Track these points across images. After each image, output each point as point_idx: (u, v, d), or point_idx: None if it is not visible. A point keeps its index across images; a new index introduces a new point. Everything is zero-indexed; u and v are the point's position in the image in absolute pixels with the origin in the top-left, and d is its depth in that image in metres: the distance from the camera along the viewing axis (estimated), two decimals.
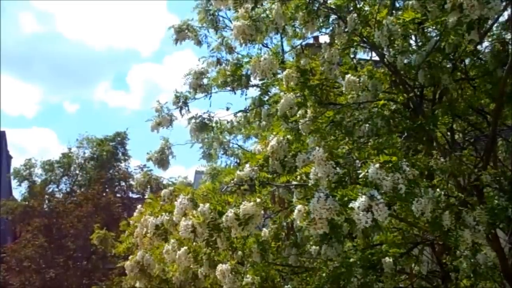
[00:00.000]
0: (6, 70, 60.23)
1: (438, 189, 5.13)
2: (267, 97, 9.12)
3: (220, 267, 6.42)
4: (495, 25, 6.86)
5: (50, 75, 54.77)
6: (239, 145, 12.34)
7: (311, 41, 8.99)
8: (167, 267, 7.48)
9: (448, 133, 7.68)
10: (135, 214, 7.40)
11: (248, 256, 6.75)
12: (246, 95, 9.38)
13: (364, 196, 4.44)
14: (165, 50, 67.79)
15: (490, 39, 7.13)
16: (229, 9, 7.59)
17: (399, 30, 5.90)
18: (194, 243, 6.13)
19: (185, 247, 6.42)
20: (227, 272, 6.38)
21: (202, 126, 9.16)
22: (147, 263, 7.32)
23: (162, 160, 9.04)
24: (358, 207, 4.41)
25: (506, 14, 6.67)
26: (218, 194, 5.67)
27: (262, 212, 5.61)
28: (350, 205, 4.46)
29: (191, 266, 6.83)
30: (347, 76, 6.60)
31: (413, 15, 5.97)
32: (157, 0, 61.74)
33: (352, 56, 7.58)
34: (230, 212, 5.27)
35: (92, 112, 56.66)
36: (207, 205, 5.43)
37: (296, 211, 4.73)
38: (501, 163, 7.73)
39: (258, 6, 6.52)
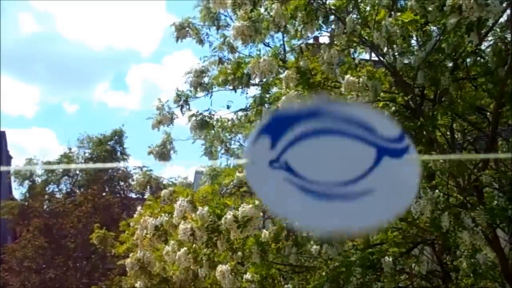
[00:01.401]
0: (5, 71, 60.13)
1: (437, 190, 5.12)
2: (268, 96, 9.11)
3: (220, 267, 6.42)
4: (496, 24, 6.85)
5: (49, 75, 54.68)
6: (240, 143, 12.32)
7: (311, 41, 8.97)
8: (168, 266, 7.49)
9: (448, 133, 7.67)
10: (135, 215, 7.39)
11: (248, 257, 6.75)
12: (247, 93, 9.35)
13: None
14: (165, 50, 67.57)
15: (491, 38, 7.12)
16: (229, 10, 7.56)
17: (397, 31, 5.90)
18: (194, 245, 6.14)
19: (185, 248, 6.42)
20: (227, 273, 6.38)
21: (203, 124, 9.13)
22: (147, 261, 7.33)
23: (164, 154, 9.03)
24: None
25: (505, 15, 6.66)
26: (217, 197, 5.67)
27: (261, 214, 5.61)
28: None
29: (191, 267, 6.84)
30: (347, 76, 6.60)
31: (411, 17, 5.96)
32: (156, 0, 61.60)
33: (352, 57, 7.56)
34: (229, 215, 5.27)
35: (92, 112, 56.57)
36: (206, 208, 5.43)
37: None
38: (501, 163, 7.72)
39: (256, 8, 6.50)
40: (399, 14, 6.16)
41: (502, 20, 6.78)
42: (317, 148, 1.48)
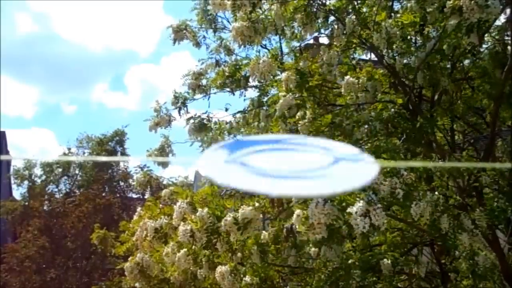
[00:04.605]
0: (4, 71, 60.01)
1: (436, 192, 5.12)
2: (266, 98, 9.11)
3: (220, 268, 6.41)
4: (494, 26, 6.85)
5: (47, 76, 54.57)
6: None
7: (310, 41, 8.97)
8: (167, 268, 7.48)
9: (449, 133, 7.67)
10: (134, 217, 7.39)
11: (248, 258, 6.75)
12: (244, 96, 9.37)
13: (362, 201, 4.45)
14: (163, 51, 67.46)
15: (490, 40, 7.12)
16: (226, 13, 7.57)
17: (397, 32, 5.89)
18: (194, 246, 6.14)
19: (185, 249, 6.42)
20: (226, 274, 6.37)
21: (201, 127, 9.13)
22: (146, 265, 7.33)
23: (162, 157, 9.02)
24: (356, 212, 4.42)
25: (503, 17, 6.66)
26: (217, 198, 5.67)
27: (261, 215, 5.61)
28: (348, 210, 4.47)
29: (191, 268, 6.83)
30: (346, 77, 6.59)
31: (411, 18, 5.96)
32: (153, 0, 61.46)
33: (351, 57, 7.56)
34: (229, 217, 5.27)
35: (90, 113, 56.45)
36: (206, 210, 5.43)
37: (295, 215, 4.74)
38: (501, 163, 7.71)
39: (255, 10, 6.49)
40: (398, 15, 6.15)
41: (499, 22, 6.79)
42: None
